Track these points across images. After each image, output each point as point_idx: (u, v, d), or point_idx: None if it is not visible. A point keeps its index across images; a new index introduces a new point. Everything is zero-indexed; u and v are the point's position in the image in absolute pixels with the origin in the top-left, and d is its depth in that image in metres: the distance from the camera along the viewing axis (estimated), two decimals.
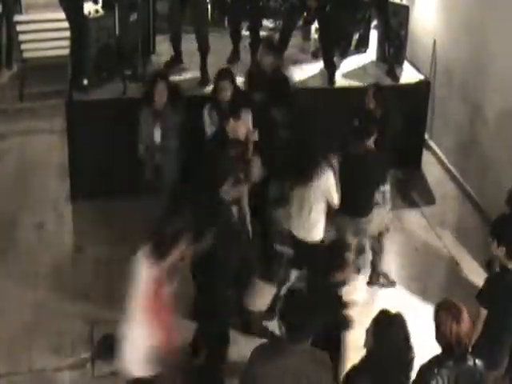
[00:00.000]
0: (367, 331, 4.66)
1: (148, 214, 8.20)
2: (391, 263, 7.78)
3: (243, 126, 7.27)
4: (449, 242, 8.21)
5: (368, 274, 7.48)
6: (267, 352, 4.62)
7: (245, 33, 9.57)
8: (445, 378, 4.53)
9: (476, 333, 5.31)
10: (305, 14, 9.78)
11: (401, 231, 8.29)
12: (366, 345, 4.65)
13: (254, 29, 9.33)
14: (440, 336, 4.57)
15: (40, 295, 7.22)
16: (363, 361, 4.64)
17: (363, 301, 7.01)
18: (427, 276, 7.66)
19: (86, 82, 8.49)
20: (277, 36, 9.59)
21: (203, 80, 8.86)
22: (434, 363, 4.61)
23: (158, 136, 7.34)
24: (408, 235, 8.28)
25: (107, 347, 6.57)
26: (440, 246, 8.16)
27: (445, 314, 4.58)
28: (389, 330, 4.57)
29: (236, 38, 9.45)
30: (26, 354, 6.53)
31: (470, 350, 4.71)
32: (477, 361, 4.64)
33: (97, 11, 8.48)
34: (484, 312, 5.33)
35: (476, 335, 5.30)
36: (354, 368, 4.71)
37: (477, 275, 7.46)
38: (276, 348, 4.61)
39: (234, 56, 9.42)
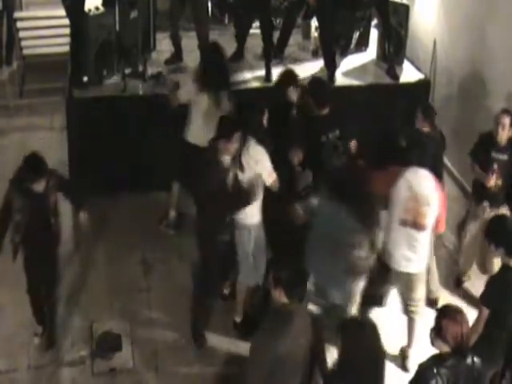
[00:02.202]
0: (338, 336, 4.64)
1: (147, 210, 8.29)
2: None
3: None
4: (448, 242, 8.22)
5: None
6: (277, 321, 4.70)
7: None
8: (444, 378, 4.51)
9: (477, 331, 5.33)
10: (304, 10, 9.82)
11: None
12: (337, 349, 4.63)
13: (267, 32, 9.24)
14: (447, 340, 4.54)
15: None
16: (337, 364, 4.63)
17: None
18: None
19: (85, 79, 8.49)
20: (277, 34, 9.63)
21: None
22: (433, 362, 4.59)
23: None
24: None
25: (106, 344, 6.61)
26: (439, 245, 8.16)
27: (451, 320, 4.55)
28: (359, 336, 4.59)
29: (243, 38, 9.44)
30: (25, 351, 6.55)
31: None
32: (475, 359, 4.64)
33: (97, 8, 8.47)
34: (486, 311, 5.35)
35: (477, 333, 5.32)
36: (331, 371, 4.75)
37: (475, 275, 7.51)
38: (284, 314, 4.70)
39: (238, 55, 9.40)
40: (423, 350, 4.81)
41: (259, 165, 6.35)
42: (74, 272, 7.51)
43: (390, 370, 6.30)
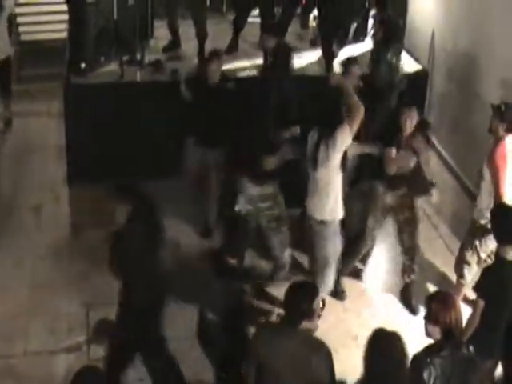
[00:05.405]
0: (365, 351, 4.44)
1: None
2: None
3: None
4: (444, 232, 8.27)
5: None
6: (270, 331, 4.69)
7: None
8: (437, 368, 4.51)
9: (474, 323, 5.36)
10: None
11: None
12: (364, 364, 4.43)
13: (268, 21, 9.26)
14: (438, 326, 4.56)
15: (37, 278, 7.25)
16: (363, 380, 4.45)
17: None
18: (422, 265, 7.70)
19: (83, 65, 8.49)
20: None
21: (201, 65, 8.87)
22: (426, 353, 4.60)
23: None
24: None
25: (103, 331, 6.62)
26: (435, 236, 8.20)
27: (441, 304, 4.58)
28: (388, 350, 4.39)
29: (239, 27, 9.43)
30: (21, 337, 6.56)
31: (465, 339, 4.74)
32: (470, 349, 4.66)
33: None
34: (481, 303, 5.37)
35: (474, 325, 5.35)
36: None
37: None
38: (278, 329, 4.66)
39: (233, 46, 9.39)
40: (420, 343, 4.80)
41: None
42: (72, 257, 7.52)
43: None
